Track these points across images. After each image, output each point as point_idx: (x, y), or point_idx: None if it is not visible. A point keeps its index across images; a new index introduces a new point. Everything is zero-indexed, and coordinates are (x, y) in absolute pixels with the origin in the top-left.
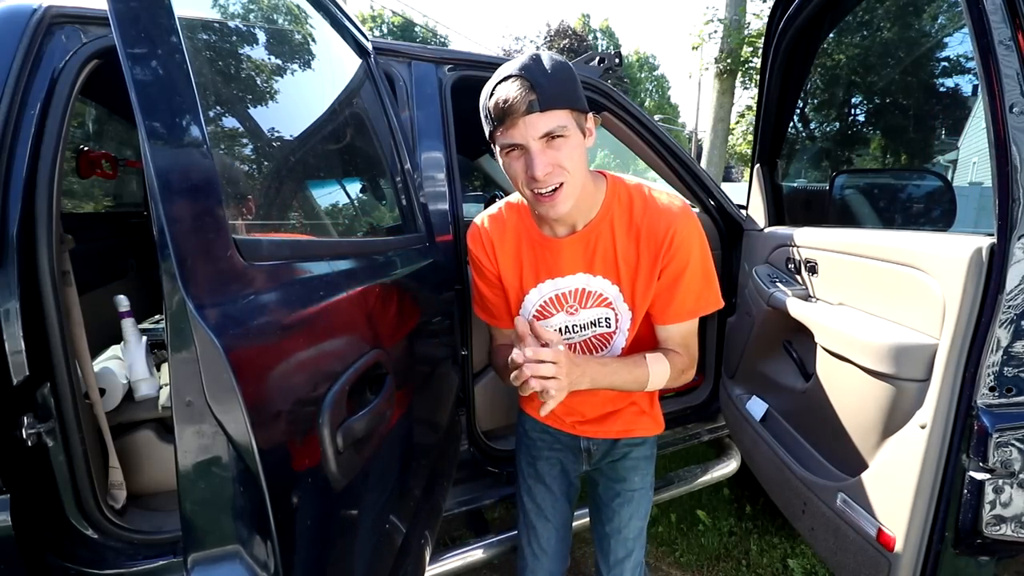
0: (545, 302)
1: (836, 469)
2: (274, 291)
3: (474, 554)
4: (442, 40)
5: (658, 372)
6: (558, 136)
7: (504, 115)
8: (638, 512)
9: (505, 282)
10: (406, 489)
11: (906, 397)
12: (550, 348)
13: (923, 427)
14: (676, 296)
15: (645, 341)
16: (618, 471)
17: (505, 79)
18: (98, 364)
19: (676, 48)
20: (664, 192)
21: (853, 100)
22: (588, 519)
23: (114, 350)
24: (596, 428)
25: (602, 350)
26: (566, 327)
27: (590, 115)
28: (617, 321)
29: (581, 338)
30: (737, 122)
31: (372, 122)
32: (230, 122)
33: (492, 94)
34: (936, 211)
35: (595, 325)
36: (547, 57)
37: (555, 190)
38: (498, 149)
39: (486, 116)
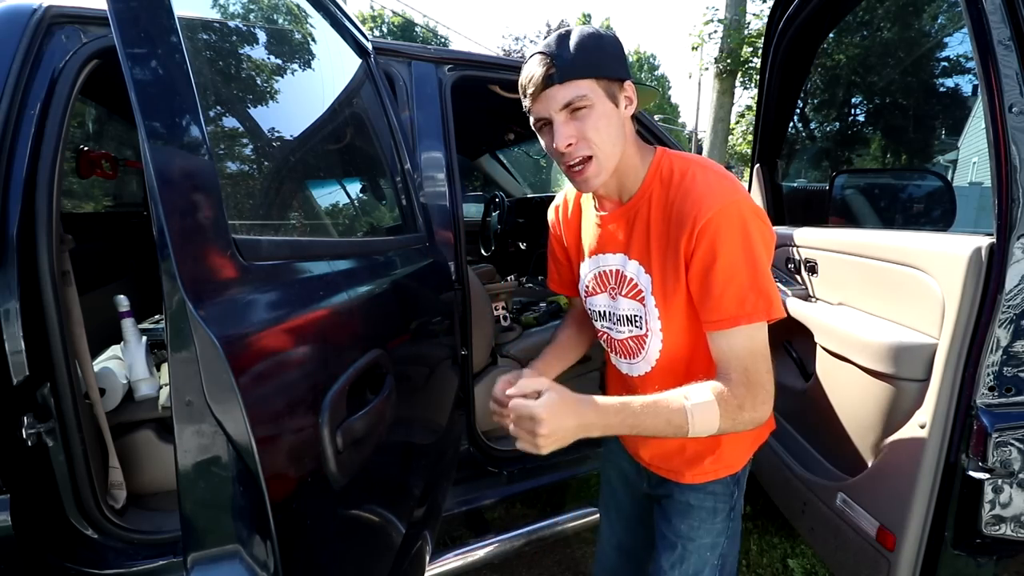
0: (592, 278)
1: (836, 469)
2: (274, 291)
3: (474, 554)
4: (442, 40)
5: (703, 415)
6: (580, 107)
7: (527, 90)
8: (680, 564)
9: (569, 253)
10: (406, 489)
11: (906, 397)
12: (538, 390)
13: (923, 427)
14: (709, 295)
15: (690, 352)
16: (664, 510)
17: (532, 56)
18: (98, 364)
19: (676, 48)
20: (716, 171)
21: (853, 100)
22: (591, 518)
23: (114, 350)
24: (645, 453)
25: (638, 355)
26: (607, 313)
27: (627, 83)
28: (648, 324)
29: (619, 335)
30: (737, 122)
31: (372, 122)
32: (230, 122)
33: (523, 71)
34: (936, 211)
35: (630, 323)
36: (578, 31)
37: (583, 163)
38: (532, 123)
39: (521, 93)
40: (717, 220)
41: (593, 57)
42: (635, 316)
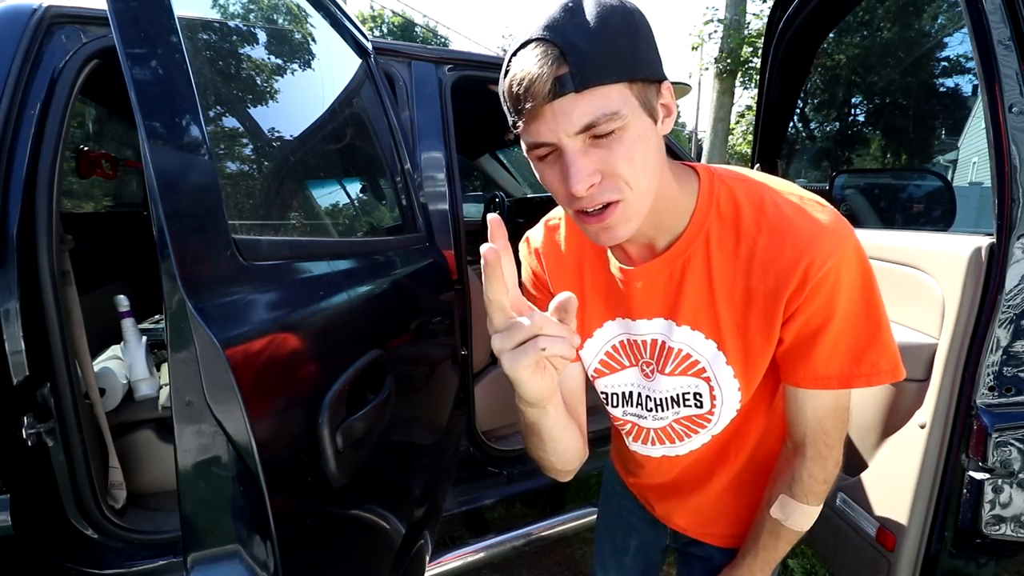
0: (615, 347)
1: None
2: (274, 291)
3: (474, 554)
4: (442, 40)
5: (800, 519)
6: (608, 130)
7: (522, 102)
8: None
9: None
10: (406, 489)
11: (906, 397)
12: None
13: (923, 427)
14: (815, 353)
15: (754, 413)
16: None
17: (524, 46)
18: (98, 364)
19: (676, 48)
20: (799, 194)
21: (853, 100)
22: (591, 518)
23: (114, 350)
24: (680, 520)
25: (686, 438)
26: (639, 397)
27: (665, 85)
28: (715, 400)
29: (658, 422)
30: (737, 122)
31: (372, 122)
32: (230, 122)
33: (508, 70)
34: (936, 211)
35: (678, 404)
36: (592, 4)
37: (606, 207)
38: (524, 149)
39: (504, 103)
40: (837, 268)
41: (625, 45)
42: (688, 395)
